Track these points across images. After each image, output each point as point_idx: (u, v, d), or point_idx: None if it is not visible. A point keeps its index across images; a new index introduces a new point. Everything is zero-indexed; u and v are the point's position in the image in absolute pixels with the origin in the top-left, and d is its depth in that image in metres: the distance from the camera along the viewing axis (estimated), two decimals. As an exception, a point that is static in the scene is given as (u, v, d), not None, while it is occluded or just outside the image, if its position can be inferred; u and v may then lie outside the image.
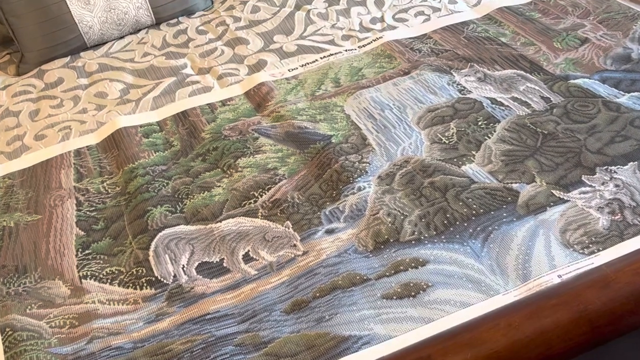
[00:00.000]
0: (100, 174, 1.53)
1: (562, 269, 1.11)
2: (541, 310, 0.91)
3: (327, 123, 1.55)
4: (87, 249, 1.33)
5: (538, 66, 1.62)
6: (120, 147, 1.58)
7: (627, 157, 1.31)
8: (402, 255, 1.18)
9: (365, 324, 1.08)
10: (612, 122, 1.40)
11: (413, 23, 1.91)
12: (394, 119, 1.52)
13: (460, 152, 1.40)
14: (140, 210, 1.38)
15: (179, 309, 1.17)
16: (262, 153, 1.49)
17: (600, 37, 1.69)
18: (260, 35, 1.96)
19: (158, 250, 1.29)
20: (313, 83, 1.71)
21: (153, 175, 1.48)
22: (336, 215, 1.30)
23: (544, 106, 1.48)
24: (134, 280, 1.24)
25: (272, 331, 1.10)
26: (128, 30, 2.04)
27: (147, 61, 1.92)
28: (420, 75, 1.65)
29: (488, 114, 1.49)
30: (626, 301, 0.91)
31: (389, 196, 1.31)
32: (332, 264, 1.19)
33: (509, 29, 1.79)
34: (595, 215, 1.20)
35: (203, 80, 1.80)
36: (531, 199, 1.25)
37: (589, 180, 1.27)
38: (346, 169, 1.39)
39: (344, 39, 1.89)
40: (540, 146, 1.37)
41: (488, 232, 1.20)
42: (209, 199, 1.39)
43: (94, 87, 1.84)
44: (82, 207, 1.43)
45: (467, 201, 1.26)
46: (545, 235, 1.17)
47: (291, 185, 1.39)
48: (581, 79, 1.55)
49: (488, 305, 1.06)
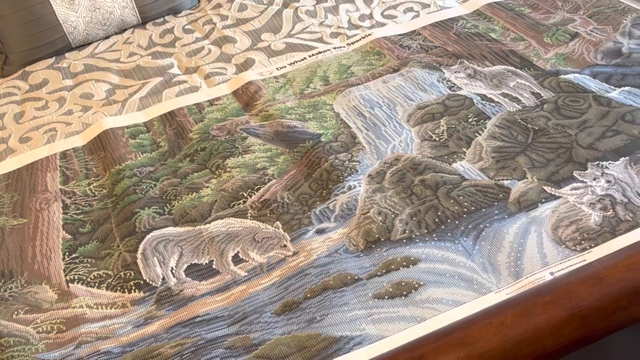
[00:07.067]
0: (86, 176, 1.51)
1: (554, 266, 1.10)
2: (533, 308, 0.90)
3: (317, 122, 1.53)
4: (74, 253, 1.31)
5: (528, 62, 1.61)
6: (107, 149, 1.56)
7: (618, 152, 1.30)
8: (393, 254, 1.17)
9: (357, 324, 1.07)
10: (603, 117, 1.39)
11: (402, 19, 1.89)
12: (384, 117, 1.51)
13: (451, 150, 1.38)
14: (128, 212, 1.37)
15: (168, 312, 1.16)
16: (250, 153, 1.48)
17: (590, 31, 1.68)
18: (247, 34, 1.94)
19: (146, 253, 1.27)
20: (302, 81, 1.69)
21: (140, 177, 1.46)
22: (326, 215, 1.28)
23: (534, 102, 1.47)
24: (122, 283, 1.23)
25: (262, 333, 1.08)
26: (113, 30, 2.02)
27: (133, 61, 1.90)
28: (409, 72, 1.64)
29: (478, 110, 1.48)
30: (619, 297, 0.90)
31: (379, 195, 1.30)
32: (323, 264, 1.18)
33: (498, 25, 1.78)
34: (587, 211, 1.19)
35: (190, 79, 1.78)
36: (522, 195, 1.24)
37: (581, 176, 1.26)
38: (336, 167, 1.38)
39: (332, 37, 1.87)
40: (531, 142, 1.36)
41: (480, 229, 1.19)
42: (198, 200, 1.38)
43: (80, 88, 1.82)
44: (69, 210, 1.42)
45: (458, 199, 1.25)
46: (537, 232, 1.17)
47: (280, 185, 1.38)
48: (572, 74, 1.54)
49: (480, 304, 1.05)
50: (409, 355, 0.89)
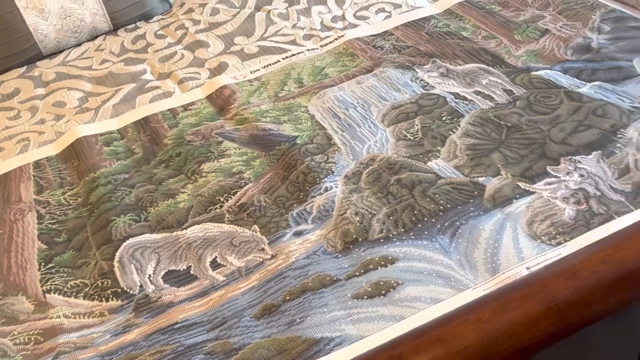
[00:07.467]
0: (61, 185, 1.49)
1: (530, 260, 1.11)
2: (510, 303, 0.90)
3: (292, 124, 1.53)
4: (50, 263, 1.30)
5: (500, 59, 1.63)
6: (81, 157, 1.55)
7: (590, 147, 1.31)
8: (371, 254, 1.17)
9: (337, 325, 1.07)
10: (575, 112, 1.41)
11: (374, 20, 1.90)
12: (359, 118, 1.51)
13: (426, 148, 1.39)
14: (104, 220, 1.36)
15: (146, 320, 1.15)
16: (226, 157, 1.47)
17: (560, 27, 1.70)
18: (220, 38, 1.94)
19: (123, 261, 1.26)
20: (276, 84, 1.69)
21: (115, 184, 1.45)
22: (304, 217, 1.28)
23: (507, 99, 1.49)
24: (99, 292, 1.22)
25: (242, 337, 1.08)
26: (85, 37, 2.00)
27: (105, 68, 1.88)
28: (383, 72, 1.65)
29: (452, 108, 1.49)
30: (593, 290, 0.91)
31: (356, 195, 1.30)
32: (302, 266, 1.18)
33: (469, 23, 1.79)
34: (561, 205, 1.20)
35: (163, 85, 1.77)
36: (497, 192, 1.25)
37: (554, 170, 1.27)
38: (312, 169, 1.38)
39: (305, 39, 1.87)
40: (504, 139, 1.38)
41: (456, 227, 1.20)
42: (174, 206, 1.37)
43: (52, 96, 1.80)
44: (44, 220, 1.40)
45: (434, 197, 1.26)
46: (513, 228, 1.17)
47: (257, 188, 1.38)
48: (543, 70, 1.56)
49: (458, 300, 1.06)
50: (388, 354, 0.89)
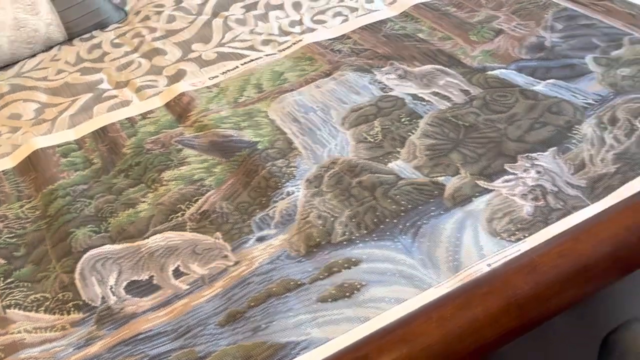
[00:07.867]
0: (18, 199, 1.46)
1: (490, 257, 1.12)
2: (472, 300, 0.92)
3: (252, 129, 1.53)
4: (9, 278, 1.27)
5: (456, 60, 1.65)
6: (38, 169, 1.52)
7: (546, 143, 1.34)
8: (334, 257, 1.18)
9: (302, 329, 1.07)
10: (531, 109, 1.44)
11: (332, 24, 1.91)
12: (319, 121, 1.52)
13: (386, 150, 1.40)
14: (63, 232, 1.33)
15: (109, 332, 1.13)
16: (187, 165, 1.46)
17: (514, 27, 1.73)
18: (177, 45, 1.92)
19: (84, 273, 1.24)
20: (235, 90, 1.69)
21: (74, 196, 1.42)
22: (267, 222, 1.28)
23: (463, 99, 1.51)
24: (60, 305, 1.20)
25: (207, 345, 1.07)
26: (40, 47, 1.97)
27: (61, 78, 1.85)
28: (342, 75, 1.65)
29: (410, 110, 1.50)
30: (552, 284, 0.93)
31: (318, 199, 1.31)
32: (265, 272, 1.18)
33: (425, 25, 1.81)
34: (519, 202, 1.22)
35: (121, 94, 1.75)
36: (457, 191, 1.27)
37: (512, 168, 1.30)
38: (274, 174, 1.38)
39: (263, 44, 1.87)
40: (462, 138, 1.39)
41: (417, 226, 1.21)
42: (135, 216, 1.35)
43: (7, 109, 1.76)
44: (2, 234, 1.37)
45: (396, 198, 1.27)
46: (473, 226, 1.19)
47: (219, 195, 1.37)
48: (498, 69, 1.58)
49: (422, 299, 1.06)
50: (353, 355, 0.89)
